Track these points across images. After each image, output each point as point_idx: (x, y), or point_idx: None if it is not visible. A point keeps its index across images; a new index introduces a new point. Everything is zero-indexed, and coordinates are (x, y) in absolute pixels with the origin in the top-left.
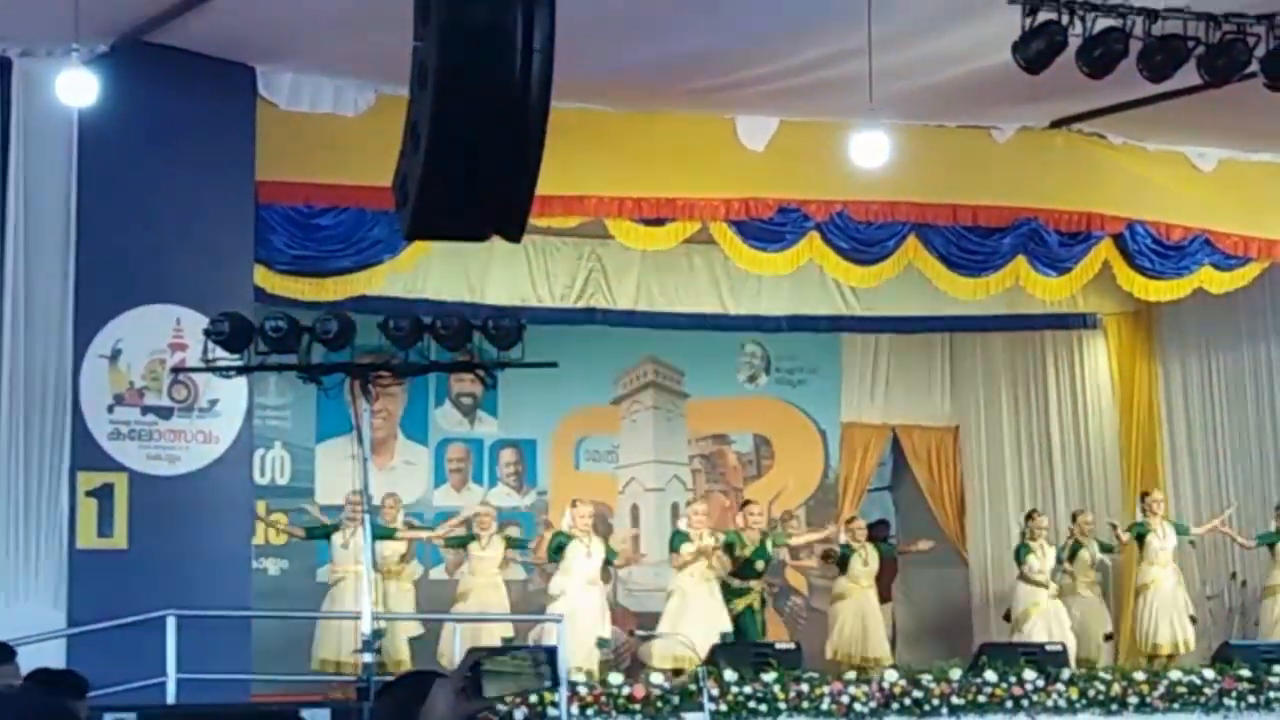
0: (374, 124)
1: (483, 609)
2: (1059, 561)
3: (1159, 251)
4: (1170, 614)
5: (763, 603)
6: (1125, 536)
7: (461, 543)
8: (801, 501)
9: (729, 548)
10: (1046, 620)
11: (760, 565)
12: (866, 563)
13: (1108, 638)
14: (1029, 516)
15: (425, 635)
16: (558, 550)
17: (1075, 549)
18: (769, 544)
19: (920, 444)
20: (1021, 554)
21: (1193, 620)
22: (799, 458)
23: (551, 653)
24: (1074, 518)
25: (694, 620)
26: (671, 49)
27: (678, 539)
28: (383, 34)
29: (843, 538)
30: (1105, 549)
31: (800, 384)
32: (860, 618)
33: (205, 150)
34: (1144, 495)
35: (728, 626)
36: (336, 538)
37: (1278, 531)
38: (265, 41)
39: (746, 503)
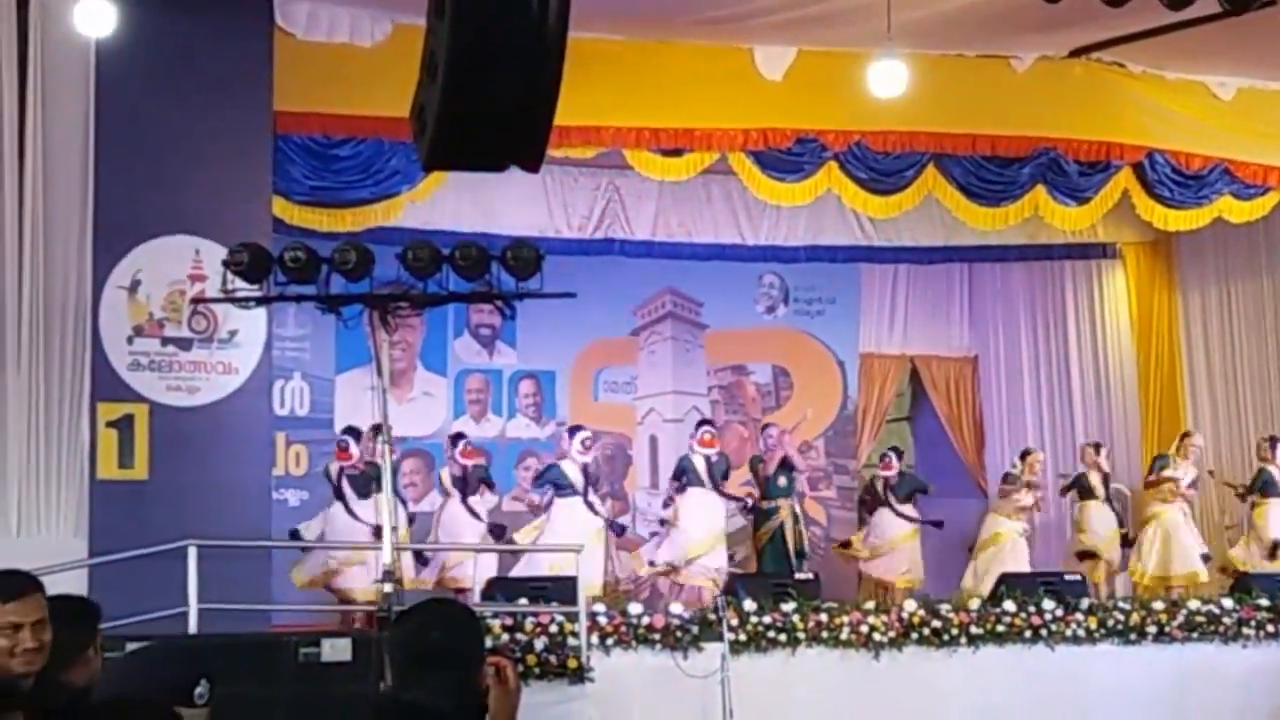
0: (391, 54)
1: (456, 540)
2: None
3: (1178, 181)
4: (1180, 546)
5: (795, 520)
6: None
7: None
8: (820, 432)
9: (755, 468)
10: (1002, 554)
11: (783, 482)
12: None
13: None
14: (1024, 455)
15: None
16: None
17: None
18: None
19: (939, 374)
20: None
21: (1205, 559)
22: (817, 388)
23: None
24: (1083, 452)
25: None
26: None
27: (684, 464)
28: None
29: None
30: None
31: (819, 315)
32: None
33: (223, 81)
34: (1184, 435)
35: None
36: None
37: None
38: None
39: (766, 426)
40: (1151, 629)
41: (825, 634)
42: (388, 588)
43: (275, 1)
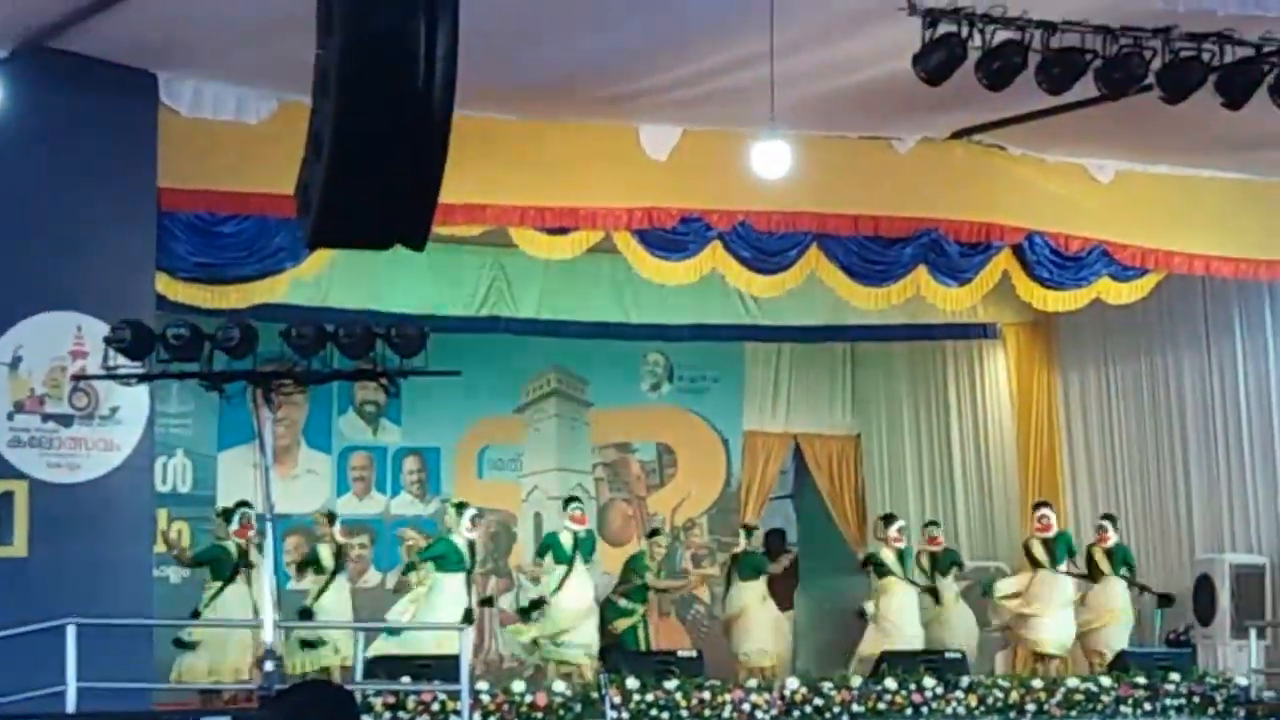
0: (276, 131)
1: (330, 618)
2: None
3: (1058, 262)
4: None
5: (644, 622)
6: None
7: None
8: (704, 510)
9: (632, 568)
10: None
11: (651, 594)
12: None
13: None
14: (886, 519)
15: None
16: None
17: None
18: (662, 574)
19: (822, 453)
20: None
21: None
22: (701, 466)
23: None
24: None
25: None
26: (574, 57)
27: (549, 539)
28: (285, 42)
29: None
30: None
31: (703, 392)
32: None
33: (107, 157)
34: (1036, 506)
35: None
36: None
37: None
38: (168, 48)
39: (654, 532)
40: (1030, 707)
41: (708, 712)
42: (269, 665)
43: (160, 78)
